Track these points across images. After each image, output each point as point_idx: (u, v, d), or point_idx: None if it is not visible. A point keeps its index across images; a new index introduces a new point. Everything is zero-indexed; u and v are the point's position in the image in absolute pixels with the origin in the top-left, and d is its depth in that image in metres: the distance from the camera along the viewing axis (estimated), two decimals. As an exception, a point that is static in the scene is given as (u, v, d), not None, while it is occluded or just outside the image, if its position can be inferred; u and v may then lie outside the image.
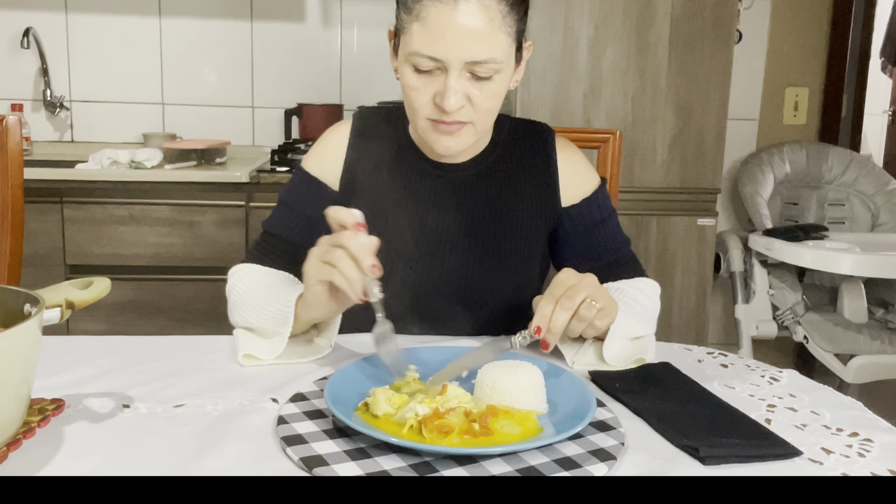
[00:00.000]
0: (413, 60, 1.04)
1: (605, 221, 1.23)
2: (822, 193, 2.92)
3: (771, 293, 2.76)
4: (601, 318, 0.96)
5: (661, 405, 0.87)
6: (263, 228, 1.21)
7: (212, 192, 2.29)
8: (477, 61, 1.02)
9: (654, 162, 2.36)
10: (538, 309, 0.94)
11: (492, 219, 1.19)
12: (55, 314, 0.81)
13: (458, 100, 1.04)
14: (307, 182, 1.21)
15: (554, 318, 0.93)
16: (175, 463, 0.73)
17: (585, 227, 1.22)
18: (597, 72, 2.30)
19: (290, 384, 0.92)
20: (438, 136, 1.09)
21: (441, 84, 1.04)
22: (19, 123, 1.43)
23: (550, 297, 0.95)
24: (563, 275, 0.97)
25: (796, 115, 3.05)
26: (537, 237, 1.22)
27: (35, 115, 2.77)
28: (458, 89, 1.03)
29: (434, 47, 1.02)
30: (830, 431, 0.83)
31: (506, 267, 1.19)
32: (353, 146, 1.21)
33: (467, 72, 1.04)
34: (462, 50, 1.01)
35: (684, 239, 2.41)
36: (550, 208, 1.22)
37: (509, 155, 1.22)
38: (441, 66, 1.03)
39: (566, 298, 0.94)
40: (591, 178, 1.24)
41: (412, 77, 1.06)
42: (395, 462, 0.72)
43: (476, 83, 1.05)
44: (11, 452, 0.73)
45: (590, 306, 0.94)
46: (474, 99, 1.05)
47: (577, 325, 0.95)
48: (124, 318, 2.32)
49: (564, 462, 0.73)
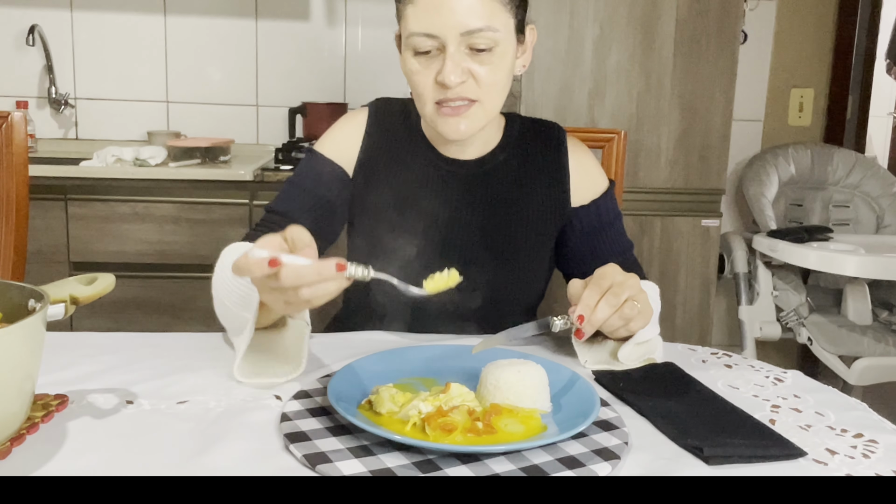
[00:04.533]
0: (411, 43, 1.05)
1: (611, 224, 1.23)
2: (826, 195, 2.91)
3: (775, 294, 2.75)
4: (637, 321, 0.96)
5: (665, 405, 0.87)
6: (266, 209, 1.18)
7: (216, 190, 2.29)
8: (471, 30, 1.02)
9: (658, 162, 2.36)
10: (583, 297, 0.94)
11: (502, 215, 1.19)
12: (59, 310, 0.81)
13: (457, 73, 1.03)
14: (322, 163, 1.19)
15: (598, 310, 0.93)
16: (178, 459, 0.73)
17: (593, 229, 1.22)
18: (601, 72, 2.30)
19: (293, 381, 0.92)
20: (445, 119, 1.08)
21: (441, 63, 1.04)
22: (24, 120, 1.44)
23: (597, 288, 0.94)
24: (609, 269, 0.97)
25: (801, 116, 3.04)
26: (547, 235, 1.22)
27: (40, 112, 2.77)
28: (457, 61, 1.03)
29: (428, 23, 1.02)
30: (835, 432, 0.83)
31: (515, 263, 1.19)
32: (368, 135, 1.21)
33: (466, 47, 1.04)
34: (455, 21, 1.02)
35: (688, 239, 2.41)
36: (560, 207, 1.21)
37: (521, 152, 1.22)
38: (439, 43, 1.03)
39: (612, 294, 0.93)
40: (601, 180, 1.24)
41: (413, 62, 1.07)
42: (398, 460, 0.72)
43: (476, 57, 1.05)
44: (15, 448, 0.73)
45: (633, 306, 0.94)
46: (477, 74, 1.05)
47: (615, 322, 0.95)
48: (128, 314, 2.32)
49: (568, 461, 0.73)
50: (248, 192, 2.30)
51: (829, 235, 2.62)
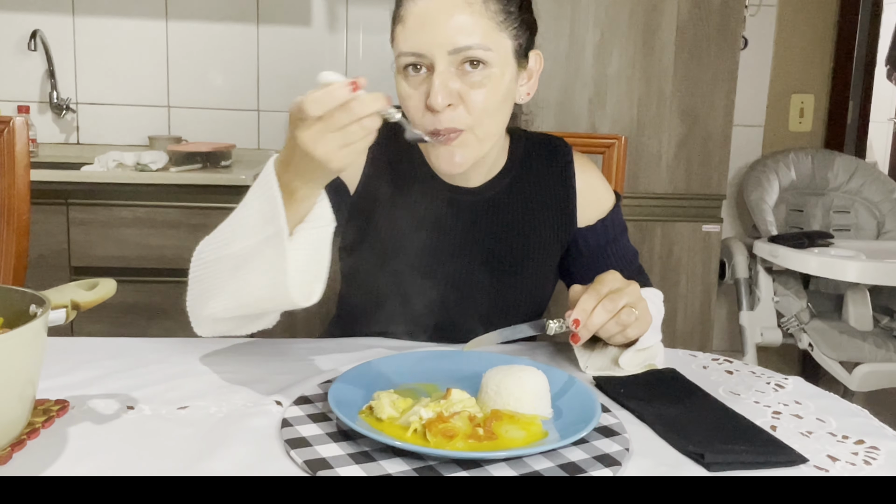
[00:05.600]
0: (401, 63, 1.02)
1: (617, 239, 1.22)
2: (827, 200, 2.91)
3: (776, 300, 2.75)
4: (635, 328, 0.96)
5: (667, 411, 0.87)
6: None
7: (217, 195, 2.29)
8: (459, 48, 0.98)
9: (659, 168, 2.36)
10: (580, 302, 0.94)
11: (508, 243, 1.17)
12: (61, 315, 0.81)
13: (445, 94, 0.98)
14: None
15: (594, 315, 0.93)
16: (179, 465, 0.73)
17: (599, 246, 1.20)
18: (602, 77, 2.30)
19: (294, 387, 0.92)
20: (438, 151, 1.03)
21: (430, 84, 0.99)
22: (26, 125, 1.44)
23: (595, 294, 0.94)
24: (609, 276, 0.97)
25: (802, 121, 3.04)
26: (552, 259, 1.21)
27: (41, 117, 2.77)
28: (444, 81, 0.98)
29: (415, 41, 0.99)
30: (836, 439, 0.83)
31: (520, 289, 1.18)
32: (373, 154, 1.14)
33: (455, 67, 0.99)
34: (444, 38, 0.98)
35: (689, 245, 2.41)
36: (566, 231, 1.20)
37: (526, 176, 1.18)
38: (428, 62, 0.99)
39: (610, 300, 0.94)
40: (608, 199, 1.22)
41: (404, 85, 1.02)
42: (398, 466, 0.72)
43: (466, 78, 0.99)
44: (16, 453, 0.73)
45: (630, 313, 0.94)
46: (466, 97, 1.00)
47: (612, 328, 0.95)
48: (129, 320, 2.32)
49: (569, 467, 0.73)
50: (249, 196, 2.30)
51: (830, 241, 2.62)
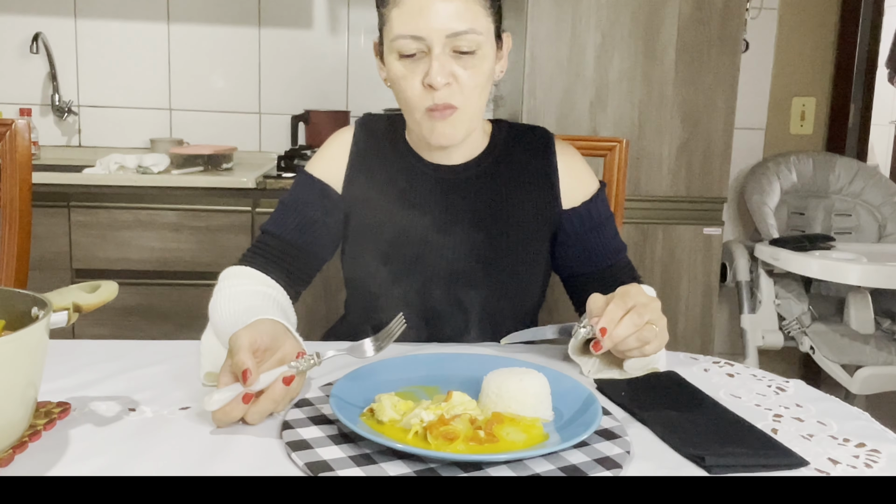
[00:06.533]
0: (397, 46, 1.07)
1: (603, 225, 1.23)
2: (828, 203, 2.91)
3: (777, 303, 2.75)
4: (653, 345, 0.96)
5: (667, 414, 0.87)
6: (261, 230, 1.22)
7: (218, 198, 2.29)
8: (456, 32, 1.05)
9: (660, 170, 2.36)
10: (607, 312, 0.93)
11: (492, 219, 1.20)
12: (62, 317, 0.81)
13: (444, 75, 1.06)
14: (311, 184, 1.22)
15: (621, 325, 0.92)
16: (180, 467, 0.73)
17: (584, 230, 1.22)
18: (603, 80, 2.31)
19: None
20: (434, 125, 1.10)
21: (427, 65, 1.07)
22: (28, 128, 1.44)
23: (622, 304, 0.94)
24: (634, 288, 0.96)
25: (803, 124, 3.04)
26: (539, 239, 1.22)
27: (43, 119, 2.78)
28: (443, 63, 1.06)
29: (414, 26, 1.05)
30: (837, 442, 0.83)
31: (507, 267, 1.20)
32: (355, 151, 1.23)
33: (450, 49, 1.07)
34: (441, 23, 1.05)
35: (690, 248, 2.41)
36: (551, 211, 1.22)
37: (508, 156, 1.23)
38: (424, 45, 1.06)
39: (636, 314, 0.93)
40: (591, 182, 1.25)
41: (399, 66, 1.09)
42: (399, 468, 0.72)
43: (460, 60, 1.07)
44: (17, 455, 0.73)
45: (651, 329, 0.94)
46: (460, 78, 1.08)
47: (632, 342, 0.94)
48: (130, 322, 2.32)
49: (570, 470, 0.73)
50: (250, 199, 2.30)
51: (832, 244, 2.62)
